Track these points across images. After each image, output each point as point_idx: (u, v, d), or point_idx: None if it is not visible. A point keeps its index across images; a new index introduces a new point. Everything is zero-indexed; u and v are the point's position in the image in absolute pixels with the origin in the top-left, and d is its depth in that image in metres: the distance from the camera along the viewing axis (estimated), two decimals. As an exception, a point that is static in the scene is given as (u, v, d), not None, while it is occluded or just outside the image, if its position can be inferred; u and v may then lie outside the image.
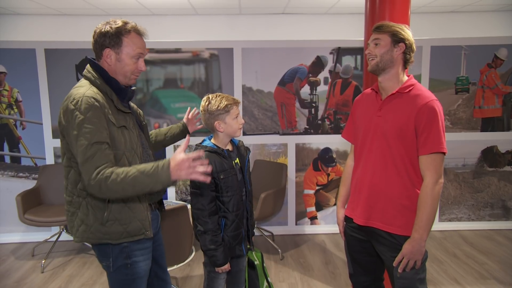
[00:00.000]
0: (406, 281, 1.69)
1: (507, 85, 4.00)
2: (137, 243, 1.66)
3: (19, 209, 3.40)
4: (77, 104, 1.49)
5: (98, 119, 1.49)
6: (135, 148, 1.63)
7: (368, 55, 1.75)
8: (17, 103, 3.87)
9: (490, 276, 3.11)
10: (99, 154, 1.47)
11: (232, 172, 1.90)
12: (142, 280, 1.71)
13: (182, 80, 3.90)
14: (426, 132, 1.63)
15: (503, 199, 4.13)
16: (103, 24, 1.59)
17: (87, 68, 1.64)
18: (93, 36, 1.62)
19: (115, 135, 1.55)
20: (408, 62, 1.73)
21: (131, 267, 1.66)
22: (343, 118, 4.03)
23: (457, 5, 3.83)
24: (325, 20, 4.08)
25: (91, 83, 1.59)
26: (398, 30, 1.69)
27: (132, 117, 1.69)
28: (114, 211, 1.59)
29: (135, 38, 1.60)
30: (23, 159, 3.95)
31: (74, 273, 3.30)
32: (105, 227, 1.59)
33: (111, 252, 1.63)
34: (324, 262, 3.45)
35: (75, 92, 1.55)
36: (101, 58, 1.61)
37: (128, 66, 1.60)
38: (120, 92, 1.63)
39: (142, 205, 1.65)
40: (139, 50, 1.61)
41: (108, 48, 1.58)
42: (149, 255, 1.73)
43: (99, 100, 1.52)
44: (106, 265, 1.67)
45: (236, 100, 1.92)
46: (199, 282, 3.09)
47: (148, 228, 1.66)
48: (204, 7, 3.76)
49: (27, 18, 3.95)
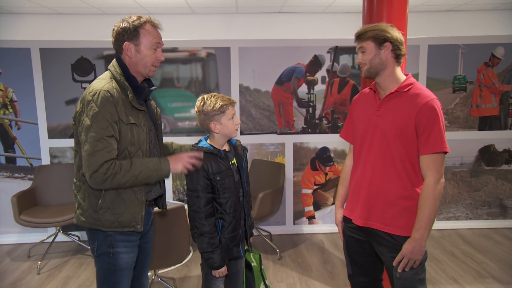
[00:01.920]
0: (405, 281, 1.68)
1: (504, 84, 4.01)
2: (121, 234, 1.72)
3: (14, 210, 3.37)
4: (94, 96, 1.59)
5: (111, 114, 1.59)
6: (141, 145, 1.70)
7: (359, 63, 1.76)
8: (12, 103, 3.83)
9: (488, 274, 3.11)
10: (108, 148, 1.58)
11: (229, 173, 1.87)
12: (123, 272, 1.75)
13: (179, 80, 3.88)
14: (427, 131, 1.62)
15: (501, 197, 4.14)
16: (120, 22, 1.70)
17: (113, 62, 1.74)
18: (112, 35, 1.72)
19: (122, 129, 1.63)
20: (400, 57, 1.71)
21: (113, 257, 1.72)
22: (340, 117, 4.02)
23: (454, 4, 3.83)
24: (323, 19, 4.07)
25: (113, 76, 1.69)
26: (378, 32, 1.67)
27: (145, 114, 1.76)
28: (108, 200, 1.67)
29: (151, 29, 1.70)
30: (19, 159, 3.92)
31: (71, 274, 3.27)
32: (98, 214, 1.68)
33: (98, 237, 1.72)
34: (322, 261, 3.44)
35: (96, 84, 1.66)
36: (122, 52, 1.71)
37: (147, 57, 1.70)
38: (137, 90, 1.72)
39: (137, 199, 1.71)
40: (156, 40, 1.71)
41: (127, 42, 1.68)
42: (133, 249, 1.78)
43: (115, 95, 1.62)
44: (92, 249, 1.77)
45: (231, 100, 1.88)
46: (196, 283, 3.07)
47: (139, 222, 1.72)
48: (201, 6, 3.74)
49: (22, 17, 3.91)
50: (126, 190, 1.68)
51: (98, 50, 3.77)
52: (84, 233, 3.99)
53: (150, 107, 1.86)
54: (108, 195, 1.67)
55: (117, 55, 1.73)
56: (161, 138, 1.92)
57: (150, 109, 1.85)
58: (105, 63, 3.79)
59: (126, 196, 1.69)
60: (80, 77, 3.80)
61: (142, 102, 1.76)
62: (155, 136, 1.84)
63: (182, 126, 3.95)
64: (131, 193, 1.70)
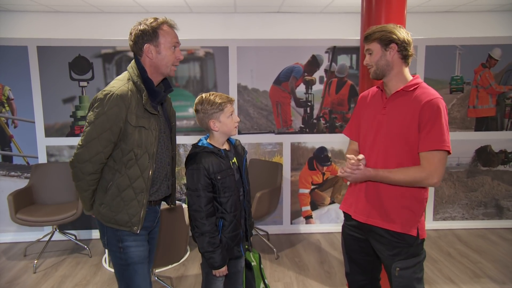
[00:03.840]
0: (403, 280, 1.69)
1: (501, 85, 4.03)
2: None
3: (10, 208, 3.35)
4: (106, 96, 1.63)
5: (116, 117, 1.62)
6: (148, 148, 1.72)
7: (366, 65, 1.76)
8: (9, 101, 3.81)
9: (484, 274, 3.13)
10: (99, 150, 1.64)
11: (229, 172, 1.87)
12: (137, 266, 1.78)
13: (177, 79, 3.87)
14: (427, 128, 1.61)
15: (497, 198, 4.16)
16: (137, 25, 1.72)
17: (132, 64, 1.76)
18: (130, 39, 1.74)
19: (129, 131, 1.66)
20: (407, 57, 1.72)
21: (124, 252, 1.76)
22: (338, 117, 4.03)
23: (452, 5, 3.85)
24: (321, 19, 4.08)
25: (131, 77, 1.72)
26: (383, 33, 1.68)
27: (157, 118, 1.77)
28: (109, 196, 1.73)
29: (168, 29, 1.74)
30: (15, 158, 3.89)
31: (67, 273, 3.26)
32: (100, 207, 1.75)
33: (106, 232, 1.78)
34: (319, 261, 3.45)
35: (113, 83, 1.70)
36: (142, 55, 1.73)
37: (167, 57, 1.73)
38: (152, 93, 1.74)
39: (137, 201, 1.73)
40: (174, 39, 1.75)
41: (147, 44, 1.70)
42: (143, 243, 1.80)
43: (128, 98, 1.65)
44: (103, 242, 1.83)
45: (230, 98, 1.89)
46: (193, 282, 3.07)
47: (136, 224, 1.73)
48: (199, 5, 3.74)
49: (19, 14, 3.89)
50: (128, 189, 1.71)
51: (95, 48, 3.75)
52: (80, 232, 3.98)
53: (165, 109, 1.88)
54: (111, 192, 1.72)
55: (136, 57, 1.74)
56: (175, 139, 1.95)
57: (165, 111, 1.87)
58: (102, 61, 3.78)
59: (126, 195, 1.71)
60: (78, 75, 3.78)
61: (156, 105, 1.76)
62: (168, 138, 1.86)
63: (180, 125, 3.94)
64: (132, 193, 1.71)
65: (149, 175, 1.72)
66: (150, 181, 1.73)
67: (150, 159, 1.71)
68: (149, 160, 1.71)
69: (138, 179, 1.71)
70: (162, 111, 1.84)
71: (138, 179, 1.71)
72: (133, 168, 1.70)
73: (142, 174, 1.71)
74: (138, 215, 1.72)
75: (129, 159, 1.69)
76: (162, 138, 1.81)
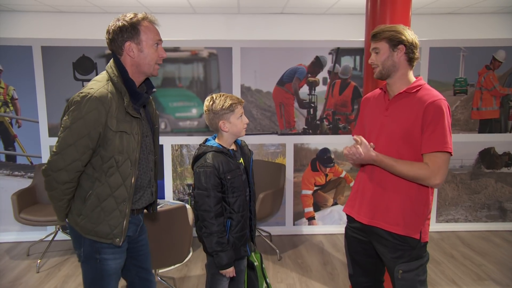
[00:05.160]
0: (407, 282, 1.69)
1: (504, 87, 4.02)
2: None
3: (14, 208, 3.36)
4: (84, 98, 1.50)
5: (95, 121, 1.50)
6: (130, 154, 1.60)
7: (371, 64, 1.75)
8: (13, 100, 3.82)
9: (487, 277, 3.12)
10: (75, 158, 1.52)
11: (238, 172, 1.88)
12: (111, 278, 1.69)
13: (180, 79, 3.88)
14: (430, 129, 1.61)
15: (500, 200, 4.14)
16: (115, 21, 1.59)
17: (110, 63, 1.63)
18: (107, 36, 1.61)
19: (110, 137, 1.54)
20: (413, 60, 1.72)
21: (100, 263, 1.64)
22: (341, 119, 4.02)
23: (456, 6, 3.84)
24: (324, 20, 4.08)
25: (110, 78, 1.59)
26: (393, 34, 1.67)
27: (139, 122, 1.65)
28: (88, 207, 1.60)
29: (150, 25, 1.62)
30: (19, 157, 3.91)
31: (70, 273, 3.26)
32: (79, 218, 1.63)
33: (83, 243, 1.64)
34: (322, 262, 3.44)
35: (90, 85, 1.56)
36: (122, 53, 1.60)
37: (150, 55, 1.61)
38: (135, 95, 1.62)
39: (119, 211, 1.61)
40: (157, 36, 1.63)
41: (128, 41, 1.58)
42: (121, 255, 1.70)
43: (107, 102, 1.52)
44: (78, 254, 1.69)
45: (240, 100, 1.89)
46: (196, 283, 3.07)
47: (119, 235, 1.62)
48: (203, 6, 3.74)
49: (23, 15, 3.91)
50: (108, 199, 1.59)
51: (99, 48, 3.77)
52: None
53: (148, 111, 1.77)
54: (90, 202, 1.59)
55: (115, 56, 1.62)
56: (157, 142, 1.85)
57: (147, 113, 1.76)
58: (106, 61, 3.78)
59: (107, 205, 1.59)
60: (82, 75, 3.79)
61: (138, 108, 1.65)
62: (151, 142, 1.77)
63: (183, 126, 3.95)
64: (113, 203, 1.59)
65: (132, 183, 1.61)
66: (132, 189, 1.62)
67: (132, 165, 1.60)
68: (131, 167, 1.59)
69: (119, 188, 1.59)
70: (144, 114, 1.73)
71: (119, 187, 1.59)
72: (114, 176, 1.57)
73: (124, 182, 1.59)
74: (120, 226, 1.61)
75: (110, 167, 1.56)
76: (144, 142, 1.71)
